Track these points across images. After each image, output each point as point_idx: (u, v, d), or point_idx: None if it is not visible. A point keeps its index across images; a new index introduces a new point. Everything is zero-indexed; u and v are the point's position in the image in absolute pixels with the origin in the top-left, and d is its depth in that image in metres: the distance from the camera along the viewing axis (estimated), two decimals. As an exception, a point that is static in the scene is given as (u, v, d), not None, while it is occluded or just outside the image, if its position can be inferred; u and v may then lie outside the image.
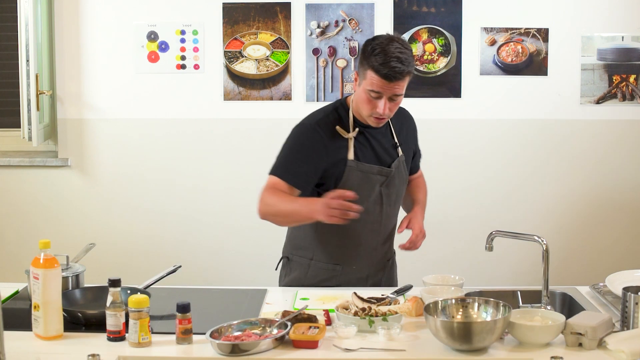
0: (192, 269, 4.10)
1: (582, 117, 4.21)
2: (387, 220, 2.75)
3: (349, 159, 2.62)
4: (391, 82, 2.50)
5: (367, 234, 2.71)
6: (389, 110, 2.57)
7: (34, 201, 4.31)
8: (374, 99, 2.54)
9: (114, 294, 2.15)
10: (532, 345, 2.09)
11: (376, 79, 2.50)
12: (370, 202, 2.66)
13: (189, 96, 4.25)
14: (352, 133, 2.63)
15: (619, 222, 4.28)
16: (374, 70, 2.49)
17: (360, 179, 2.63)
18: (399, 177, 2.73)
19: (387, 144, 2.72)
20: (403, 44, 2.54)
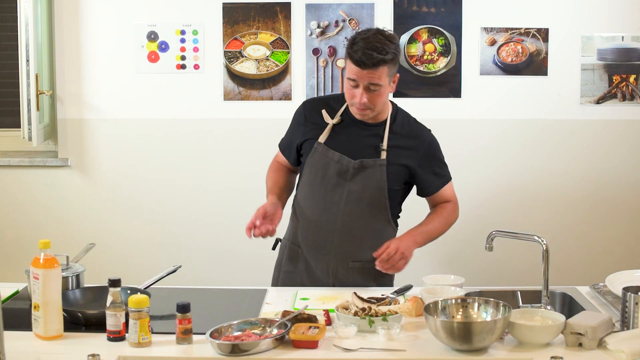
0: (192, 269, 4.10)
1: (582, 117, 4.21)
2: (349, 218, 2.71)
3: (319, 141, 2.72)
4: (365, 70, 2.56)
5: (324, 224, 2.73)
6: (368, 101, 2.61)
7: (34, 201, 4.31)
8: (352, 87, 2.62)
9: (114, 294, 2.15)
10: (532, 345, 2.09)
11: (352, 67, 2.58)
12: (328, 190, 2.71)
13: (189, 96, 4.25)
14: (334, 120, 2.73)
15: (619, 222, 4.28)
16: (350, 58, 2.59)
17: (321, 163, 2.71)
18: (368, 177, 2.69)
19: (369, 142, 2.71)
20: (387, 37, 2.61)
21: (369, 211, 2.73)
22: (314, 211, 2.75)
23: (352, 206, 2.71)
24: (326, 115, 2.74)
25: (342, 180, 2.70)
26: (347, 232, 2.73)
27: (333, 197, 2.71)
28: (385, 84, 2.61)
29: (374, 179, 2.70)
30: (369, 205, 2.72)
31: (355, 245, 2.75)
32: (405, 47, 4.17)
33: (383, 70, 2.57)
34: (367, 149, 2.70)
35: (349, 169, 2.68)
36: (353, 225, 2.73)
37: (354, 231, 2.73)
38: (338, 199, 2.70)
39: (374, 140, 2.71)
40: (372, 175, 2.69)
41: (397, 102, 4.37)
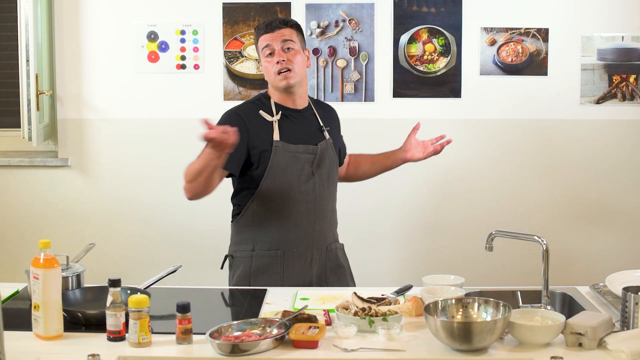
0: (192, 269, 4.10)
1: (582, 117, 4.21)
2: (322, 200, 2.83)
3: (275, 139, 2.75)
4: (274, 32, 2.75)
5: (302, 213, 2.79)
6: (288, 60, 2.74)
7: (34, 201, 4.31)
8: (269, 57, 2.76)
9: (114, 294, 2.15)
10: (532, 345, 2.09)
11: (263, 37, 2.77)
12: (302, 181, 2.77)
13: (189, 96, 4.25)
14: (276, 116, 2.79)
15: (618, 222, 4.28)
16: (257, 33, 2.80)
17: (288, 159, 2.76)
18: (328, 158, 2.84)
19: (313, 126, 2.86)
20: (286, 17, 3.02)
21: (332, 190, 2.90)
22: (291, 207, 2.77)
23: (323, 190, 2.83)
24: (265, 114, 2.79)
25: (310, 167, 2.80)
26: (323, 216, 2.85)
27: (307, 187, 2.79)
28: (298, 46, 2.78)
29: (331, 160, 2.86)
30: (332, 184, 2.89)
31: (328, 226, 2.89)
32: (405, 47, 4.17)
33: (291, 32, 2.78)
34: (314, 133, 2.85)
35: (316, 155, 2.80)
36: (326, 208, 2.86)
37: (327, 213, 2.87)
38: (312, 186, 2.80)
39: (314, 124, 2.87)
40: (329, 156, 2.85)
41: (398, 102, 4.39)
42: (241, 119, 2.75)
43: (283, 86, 2.78)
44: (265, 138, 2.75)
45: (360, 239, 4.16)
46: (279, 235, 2.79)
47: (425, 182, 4.27)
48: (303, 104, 2.87)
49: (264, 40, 2.78)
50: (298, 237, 2.80)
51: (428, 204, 4.28)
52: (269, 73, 2.80)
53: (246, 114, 2.78)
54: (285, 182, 2.76)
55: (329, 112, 3.00)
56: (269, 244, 2.80)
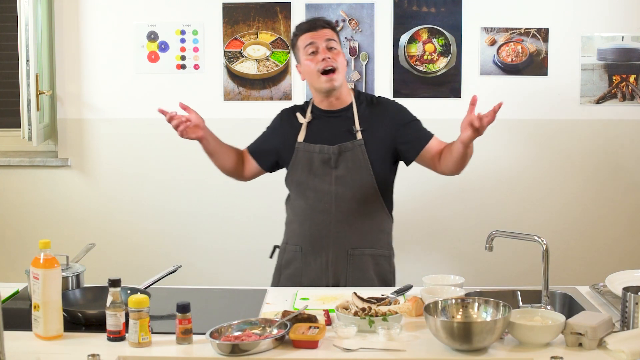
0: (192, 269, 4.10)
1: (582, 117, 4.21)
2: (342, 202, 2.79)
3: (298, 141, 2.83)
4: (317, 31, 2.76)
5: (319, 213, 2.80)
6: (332, 59, 2.74)
7: (34, 201, 4.31)
8: (312, 55, 2.76)
9: (114, 294, 2.15)
10: (532, 345, 2.09)
11: (306, 36, 2.77)
12: (318, 181, 2.79)
13: (189, 96, 4.23)
14: (307, 118, 2.84)
15: (619, 222, 4.28)
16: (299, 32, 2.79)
17: (306, 159, 2.81)
18: (352, 159, 2.77)
19: (343, 128, 2.81)
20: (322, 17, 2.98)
21: (360, 194, 2.80)
22: (307, 205, 2.83)
23: (342, 190, 2.79)
24: (299, 116, 2.88)
25: (328, 168, 2.79)
26: (343, 219, 2.80)
27: (323, 186, 2.79)
28: (339, 48, 2.79)
29: (356, 161, 2.78)
30: (359, 189, 2.79)
31: (351, 231, 2.82)
32: (405, 47, 4.17)
33: (332, 33, 2.79)
34: (342, 134, 2.81)
35: (331, 155, 2.78)
36: (347, 211, 2.80)
37: (349, 217, 2.80)
38: (328, 186, 2.79)
39: (346, 125, 2.82)
40: (353, 157, 2.78)
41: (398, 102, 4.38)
42: (278, 119, 2.98)
43: (327, 88, 2.77)
44: (292, 139, 2.85)
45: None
46: (299, 232, 2.87)
47: (425, 182, 4.26)
48: (341, 104, 2.84)
49: (306, 38, 2.77)
50: (314, 236, 2.82)
51: (428, 204, 4.28)
52: (311, 73, 2.78)
53: (287, 115, 2.95)
54: (303, 181, 2.83)
55: (382, 109, 2.86)
56: (293, 239, 2.91)
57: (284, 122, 2.94)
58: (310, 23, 2.81)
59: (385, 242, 2.91)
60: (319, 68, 2.74)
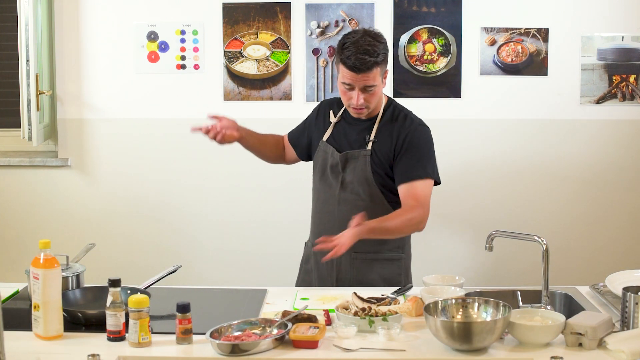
0: (192, 269, 4.11)
1: (582, 117, 4.21)
2: (344, 205, 2.79)
3: (322, 140, 2.87)
4: (359, 74, 2.64)
5: (325, 214, 2.85)
6: (364, 101, 2.70)
7: (34, 201, 4.31)
8: (348, 90, 2.71)
9: (114, 294, 2.16)
10: (532, 345, 2.09)
11: (346, 72, 2.67)
12: (327, 183, 2.84)
13: (189, 96, 4.25)
14: (335, 119, 2.86)
15: (619, 221, 4.28)
16: (343, 63, 2.67)
17: (322, 159, 2.85)
18: (356, 168, 2.78)
19: (357, 135, 2.81)
20: (375, 37, 2.69)
21: (364, 202, 2.78)
22: (317, 205, 2.90)
23: (347, 195, 2.80)
24: (331, 114, 2.89)
25: (337, 172, 2.80)
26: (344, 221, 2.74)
27: (330, 189, 2.82)
28: (379, 82, 2.71)
29: (359, 169, 2.79)
30: (364, 196, 2.78)
31: None
32: (405, 47, 4.17)
33: (376, 72, 2.67)
34: (356, 142, 2.81)
35: (338, 161, 2.80)
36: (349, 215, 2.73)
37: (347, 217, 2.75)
38: (333, 190, 2.82)
39: (364, 133, 2.81)
40: (358, 165, 2.79)
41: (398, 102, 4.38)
42: (316, 111, 2.98)
43: (354, 116, 2.82)
44: (320, 135, 2.90)
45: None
46: (312, 230, 2.94)
47: (425, 182, 4.27)
48: (370, 114, 2.81)
49: (345, 77, 2.67)
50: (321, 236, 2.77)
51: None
52: (342, 97, 2.80)
53: (324, 109, 2.95)
54: (317, 180, 2.89)
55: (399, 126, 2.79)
56: (310, 236, 2.96)
57: (319, 116, 2.95)
58: (354, 65, 2.62)
59: (395, 246, 2.86)
60: (349, 104, 2.74)
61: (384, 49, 2.67)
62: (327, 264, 2.80)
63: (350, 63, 2.62)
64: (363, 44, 2.62)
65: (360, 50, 2.62)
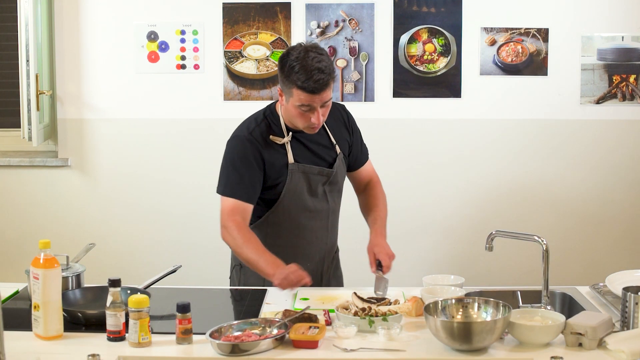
0: (192, 269, 4.10)
1: (582, 117, 4.21)
2: (334, 216, 2.84)
3: (290, 162, 2.66)
4: (318, 94, 2.53)
5: (317, 231, 2.79)
6: (323, 116, 2.61)
7: (34, 201, 4.31)
8: (306, 112, 2.56)
9: (114, 294, 2.15)
10: (532, 345, 2.09)
11: (304, 95, 2.52)
12: (317, 200, 2.75)
13: (189, 96, 4.25)
14: (287, 138, 2.67)
15: (619, 222, 4.28)
16: (299, 88, 2.51)
17: (303, 180, 2.70)
18: (340, 175, 2.80)
19: (324, 142, 2.76)
20: (318, 51, 2.57)
21: (339, 202, 2.86)
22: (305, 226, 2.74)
23: (335, 204, 2.82)
24: (276, 138, 2.66)
25: (323, 186, 2.76)
26: (334, 229, 2.85)
27: (322, 205, 2.77)
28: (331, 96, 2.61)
29: (342, 173, 2.81)
30: (339, 195, 2.85)
31: (335, 236, 2.89)
32: (405, 47, 4.17)
33: (331, 86, 2.57)
34: (325, 151, 2.75)
35: (330, 176, 2.75)
36: (336, 220, 2.86)
37: (335, 224, 2.86)
38: (325, 204, 2.78)
39: (323, 139, 2.75)
40: (340, 172, 2.80)
41: (398, 102, 4.38)
42: (255, 146, 2.63)
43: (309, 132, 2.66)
44: (279, 162, 2.66)
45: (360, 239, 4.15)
46: (294, 252, 2.73)
47: (425, 182, 4.27)
48: None
49: (304, 99, 2.52)
50: (312, 253, 2.79)
51: (428, 204, 4.28)
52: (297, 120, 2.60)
53: (258, 139, 2.64)
54: (300, 202, 2.71)
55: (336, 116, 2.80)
56: (282, 259, 2.58)
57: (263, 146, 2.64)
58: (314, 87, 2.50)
59: None
60: (309, 125, 2.59)
61: (329, 59, 2.58)
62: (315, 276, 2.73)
63: (311, 87, 2.49)
64: (312, 62, 2.50)
65: (313, 70, 2.49)
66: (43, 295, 2.16)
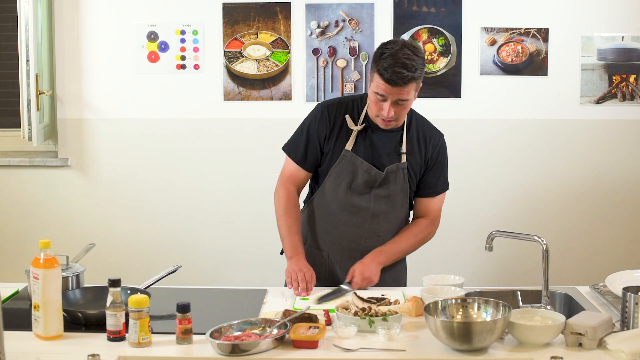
0: (192, 269, 4.11)
1: (582, 117, 4.21)
2: (376, 220, 2.78)
3: (347, 148, 2.71)
4: (394, 87, 2.54)
5: (352, 226, 2.77)
6: (395, 114, 2.61)
7: (34, 201, 4.31)
8: (380, 101, 2.60)
9: (114, 294, 2.15)
10: (532, 345, 2.09)
11: (381, 83, 2.56)
12: (358, 196, 2.74)
13: (189, 96, 4.25)
14: (358, 126, 2.71)
15: (619, 221, 4.28)
16: (379, 74, 2.56)
17: (349, 171, 2.72)
18: (395, 182, 2.74)
19: (391, 148, 2.74)
20: (414, 51, 2.57)
21: (394, 214, 2.80)
22: (340, 216, 2.78)
23: (379, 209, 2.77)
24: (350, 121, 2.72)
25: (370, 187, 2.74)
26: (374, 234, 2.80)
27: (361, 202, 2.75)
28: (412, 97, 2.61)
29: (398, 183, 2.75)
30: (394, 207, 2.79)
31: (378, 245, 2.80)
32: (405, 47, 4.17)
33: (412, 86, 2.57)
34: (390, 155, 2.74)
35: (377, 179, 2.72)
36: (380, 227, 2.80)
37: (379, 232, 2.80)
38: (366, 204, 2.75)
39: (394, 146, 2.74)
40: (396, 179, 2.75)
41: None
42: (326, 118, 2.73)
43: (380, 126, 2.69)
44: (339, 143, 2.72)
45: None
46: (326, 239, 2.81)
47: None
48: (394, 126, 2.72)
49: (379, 87, 2.56)
50: (342, 247, 2.79)
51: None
52: (371, 106, 2.65)
53: (334, 113, 2.73)
54: (338, 190, 2.74)
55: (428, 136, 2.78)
56: (317, 242, 2.84)
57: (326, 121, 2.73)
58: (392, 77, 2.51)
59: None
60: (379, 115, 2.63)
61: (422, 63, 2.58)
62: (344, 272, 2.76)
63: (387, 76, 2.51)
64: (402, 56, 2.52)
65: (398, 63, 2.51)
66: (43, 295, 2.16)
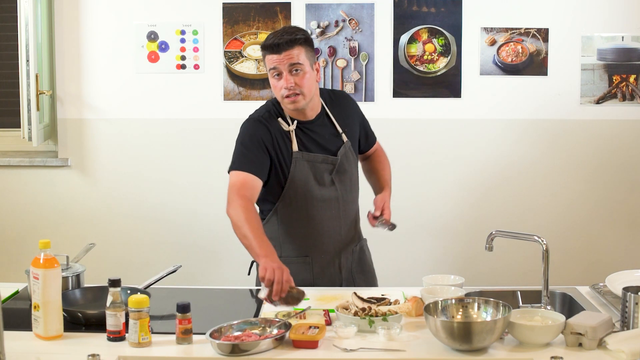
0: (192, 269, 4.11)
1: (582, 117, 4.21)
2: (346, 205, 2.81)
3: (294, 150, 2.71)
4: (281, 53, 2.60)
5: (327, 220, 2.77)
6: (295, 84, 2.64)
7: (34, 201, 4.31)
8: (277, 79, 2.65)
9: (114, 294, 2.16)
10: (532, 345, 2.09)
11: (270, 56, 2.63)
12: (324, 189, 2.76)
13: (189, 96, 4.25)
14: (292, 126, 2.72)
15: (619, 222, 4.28)
16: (265, 50, 2.64)
17: (308, 168, 2.73)
18: (347, 162, 2.80)
19: (329, 133, 2.79)
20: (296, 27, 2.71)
21: (355, 192, 2.87)
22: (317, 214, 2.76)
23: (346, 195, 2.81)
24: (283, 122, 2.72)
25: (330, 175, 2.77)
26: (347, 219, 2.83)
27: (330, 193, 2.77)
28: (307, 65, 2.65)
29: (350, 163, 2.82)
30: (355, 186, 2.86)
31: (353, 228, 2.86)
32: (405, 47, 4.17)
33: (300, 50, 2.63)
34: (331, 140, 2.78)
35: (335, 164, 2.76)
36: (349, 211, 2.84)
37: (350, 216, 2.85)
38: (334, 192, 2.78)
39: (327, 129, 2.79)
40: (347, 160, 2.80)
41: (398, 102, 4.39)
42: (266, 127, 2.70)
43: (292, 109, 2.71)
44: (284, 148, 2.71)
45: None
46: (305, 243, 2.77)
47: (425, 182, 4.27)
48: (314, 113, 2.77)
49: (270, 62, 2.63)
50: (325, 244, 2.78)
51: (428, 204, 4.28)
52: (277, 93, 2.69)
53: (270, 122, 2.71)
54: (307, 191, 2.73)
55: (344, 105, 2.87)
56: (296, 250, 2.75)
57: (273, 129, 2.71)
58: (273, 44, 2.61)
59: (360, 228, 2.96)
60: (282, 94, 2.65)
61: (304, 33, 2.68)
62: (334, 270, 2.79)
63: (270, 43, 2.61)
64: (281, 30, 2.67)
65: (278, 32, 2.65)
66: (43, 295, 2.16)
